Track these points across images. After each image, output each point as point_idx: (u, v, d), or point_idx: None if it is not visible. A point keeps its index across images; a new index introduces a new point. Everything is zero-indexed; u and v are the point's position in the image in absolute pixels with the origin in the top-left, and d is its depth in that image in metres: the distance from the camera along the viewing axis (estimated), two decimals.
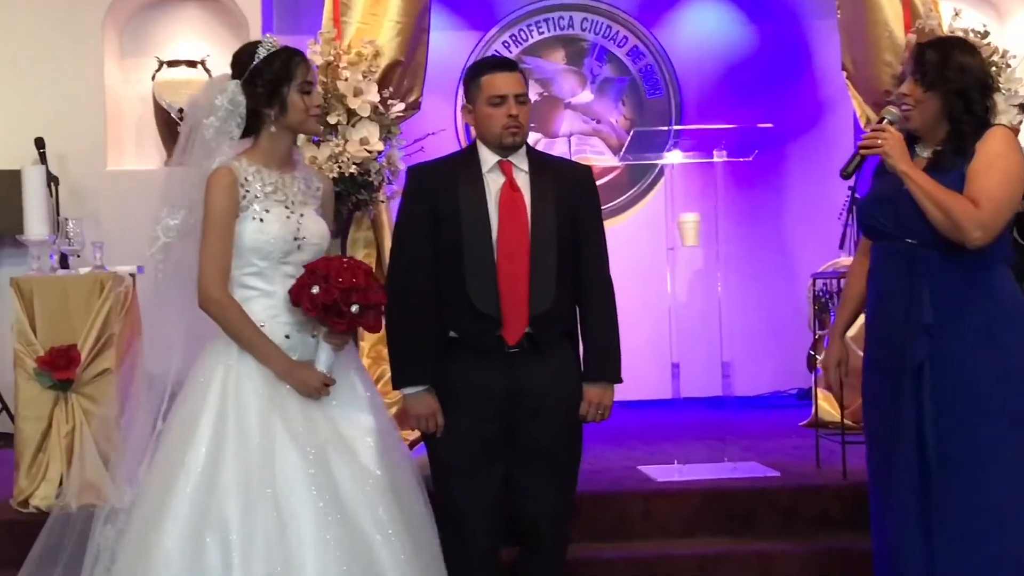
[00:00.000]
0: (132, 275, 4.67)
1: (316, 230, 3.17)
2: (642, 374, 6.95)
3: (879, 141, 3.24)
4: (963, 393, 3.22)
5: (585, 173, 3.57)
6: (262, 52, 3.13)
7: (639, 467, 4.95)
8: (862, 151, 3.29)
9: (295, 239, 3.11)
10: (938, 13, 5.56)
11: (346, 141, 4.97)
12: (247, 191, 3.08)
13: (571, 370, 3.46)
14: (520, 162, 3.45)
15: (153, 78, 6.46)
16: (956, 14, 5.55)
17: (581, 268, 3.44)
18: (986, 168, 3.20)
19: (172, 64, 6.46)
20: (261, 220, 3.08)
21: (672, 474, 4.78)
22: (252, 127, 3.15)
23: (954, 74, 3.26)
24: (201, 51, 6.51)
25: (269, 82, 3.10)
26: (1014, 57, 5.16)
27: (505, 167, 3.42)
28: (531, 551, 3.54)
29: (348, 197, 5.02)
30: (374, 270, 5.58)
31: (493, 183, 3.41)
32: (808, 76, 7.35)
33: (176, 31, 6.66)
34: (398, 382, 3.42)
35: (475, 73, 3.47)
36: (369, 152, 4.99)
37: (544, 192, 3.40)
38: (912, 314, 3.25)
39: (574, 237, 3.42)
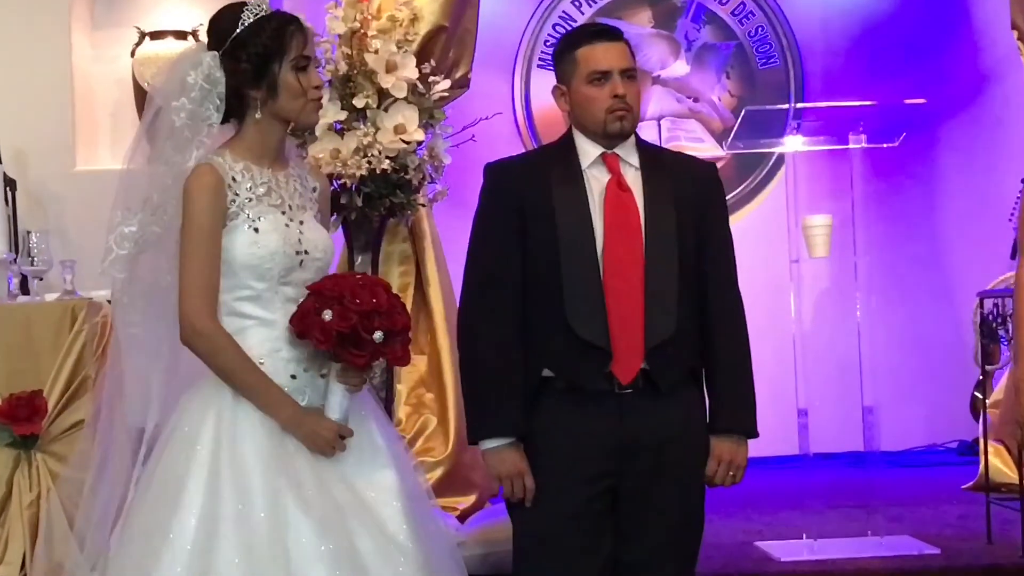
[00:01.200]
0: (111, 302, 4.72)
1: (320, 242, 3.16)
2: (761, 424, 6.90)
3: None
4: None
5: (710, 170, 3.57)
6: (247, 17, 3.09)
7: (757, 543, 4.94)
8: None
9: (297, 253, 3.09)
10: None
11: (377, 130, 5.00)
12: (236, 193, 3.06)
13: (698, 419, 3.45)
14: (629, 155, 3.45)
15: (132, 54, 6.52)
16: None
17: (706, 287, 3.44)
18: None
19: (156, 36, 6.51)
20: (256, 230, 3.06)
21: (800, 552, 4.76)
22: (233, 112, 3.13)
23: None
24: (192, 20, 6.57)
25: (256, 56, 3.06)
26: None
27: (610, 161, 3.42)
28: None
29: (380, 200, 5.06)
30: (413, 293, 5.67)
31: (596, 181, 3.41)
32: (966, 39, 7.34)
33: None
34: (476, 432, 3.40)
35: (569, 45, 3.47)
36: (406, 143, 5.02)
37: (660, 192, 3.39)
38: None
39: (698, 249, 3.42)
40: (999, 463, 5.61)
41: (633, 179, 3.42)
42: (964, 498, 5.69)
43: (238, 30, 3.09)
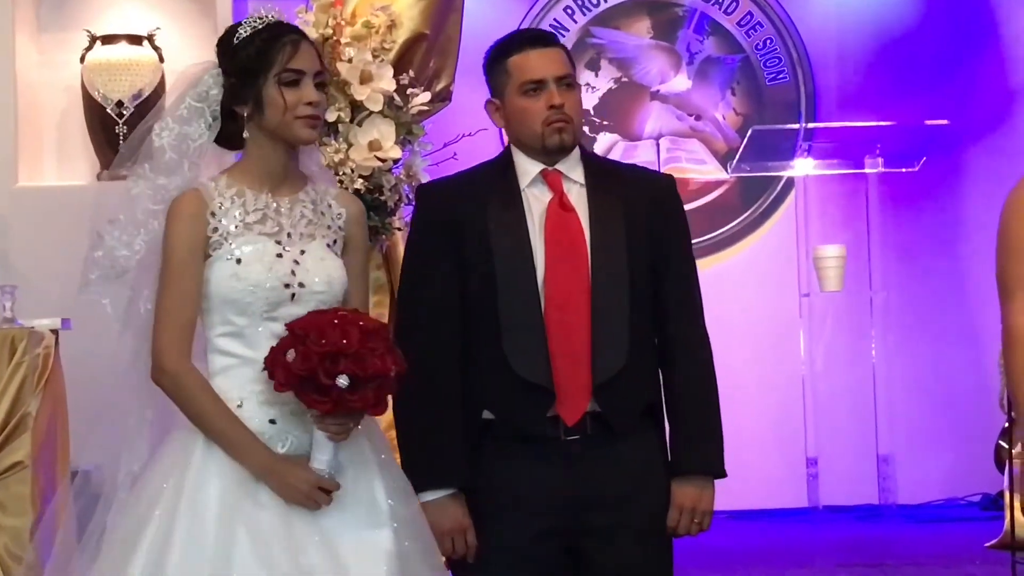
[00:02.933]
0: (55, 331, 4.70)
1: (323, 274, 3.12)
2: (765, 473, 6.94)
3: None
4: None
5: (666, 184, 3.56)
6: (244, 31, 3.13)
7: None
8: None
9: (287, 286, 3.08)
10: None
11: (350, 146, 5.01)
12: (220, 221, 3.07)
13: (658, 464, 3.44)
14: (572, 171, 3.43)
15: (82, 60, 6.52)
16: None
17: (664, 316, 3.43)
18: None
19: (108, 40, 6.49)
20: (237, 261, 3.05)
21: None
22: (233, 133, 3.16)
23: None
24: (148, 23, 6.58)
25: (242, 70, 3.10)
26: None
27: (552, 179, 3.41)
28: None
29: None
30: (396, 324, 5.65)
31: (536, 202, 3.40)
32: (994, 55, 7.38)
33: None
34: (414, 484, 3.41)
35: (500, 54, 3.46)
36: (382, 160, 5.03)
37: (608, 210, 3.38)
38: None
39: (653, 274, 3.42)
40: None
41: (577, 197, 3.40)
42: (988, 557, 5.68)
43: (233, 43, 3.13)
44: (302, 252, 3.12)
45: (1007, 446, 5.80)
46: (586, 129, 7.45)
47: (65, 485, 3.39)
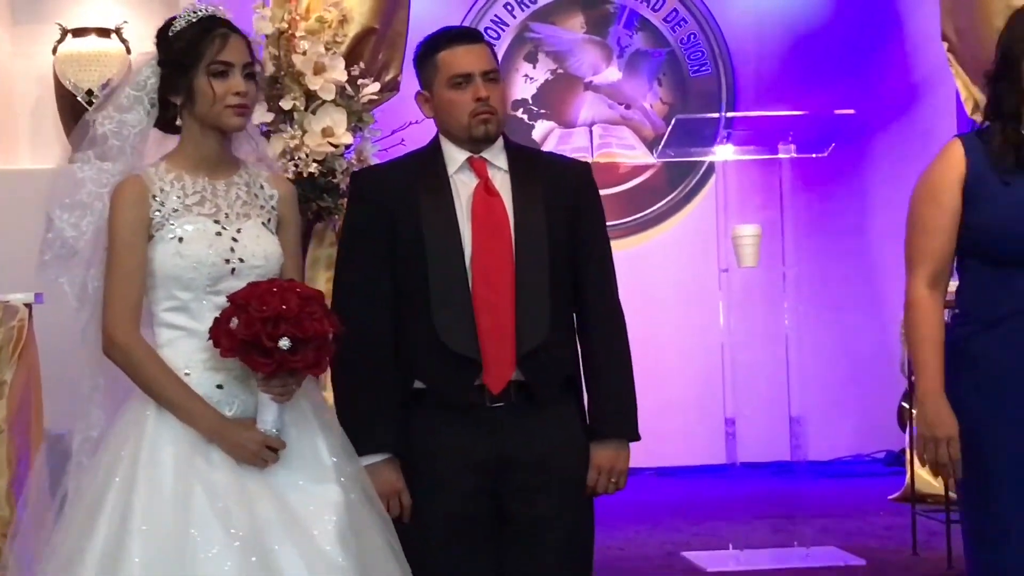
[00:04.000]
0: (28, 305, 4.65)
1: (260, 250, 3.11)
2: (687, 434, 6.97)
3: None
4: None
5: (583, 170, 3.55)
6: (178, 24, 3.11)
7: (684, 553, 4.97)
8: None
9: (227, 262, 3.06)
10: None
11: (304, 132, 4.98)
12: (162, 204, 3.06)
13: (575, 428, 3.43)
14: (496, 158, 3.42)
15: (54, 51, 6.46)
16: None
17: (582, 293, 3.43)
18: None
19: (78, 33, 6.44)
20: (180, 240, 3.04)
21: (726, 562, 4.78)
22: (170, 120, 3.14)
23: None
24: (116, 17, 6.52)
25: (175, 62, 3.08)
26: None
27: (477, 166, 3.39)
28: None
29: (307, 204, 5.03)
30: (332, 300, 5.64)
31: (463, 187, 3.38)
32: (898, 49, 7.40)
33: None
34: None
35: (429, 50, 3.43)
36: (334, 146, 5.00)
37: (530, 194, 3.37)
38: None
39: (571, 252, 3.41)
40: (925, 474, 5.65)
41: (501, 183, 3.38)
42: (891, 509, 5.74)
43: (168, 35, 3.11)
44: (239, 230, 3.10)
45: (908, 407, 5.83)
46: (524, 116, 7.46)
47: (40, 448, 3.35)
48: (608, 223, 3.66)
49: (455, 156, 3.40)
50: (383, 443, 3.33)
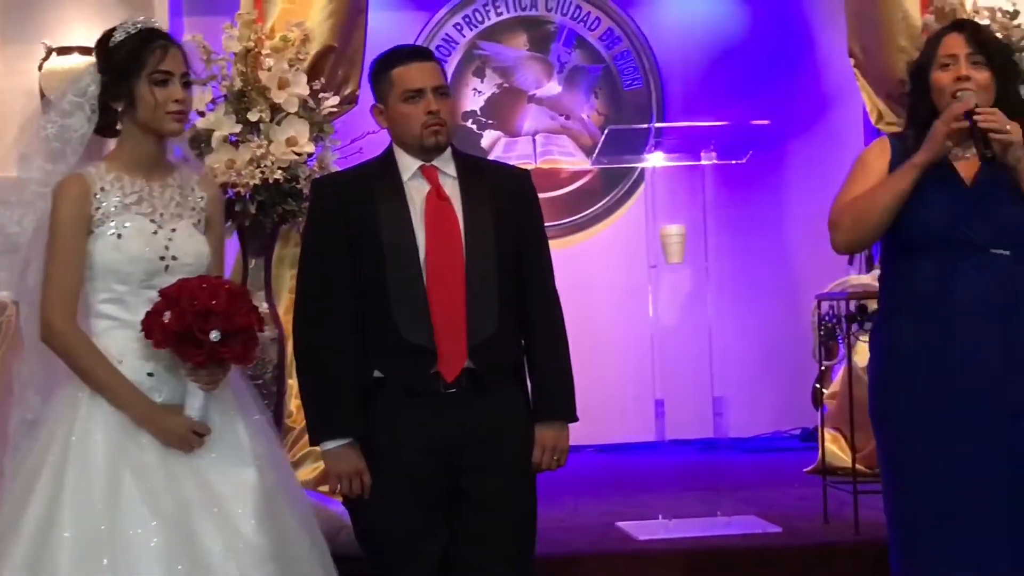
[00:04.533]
0: (15, 303, 4.61)
1: (191, 248, 3.10)
2: (620, 413, 6.98)
3: (1008, 128, 3.25)
4: None
5: (524, 177, 3.56)
6: (118, 35, 3.07)
7: (618, 523, 4.95)
8: (990, 134, 3.26)
9: (161, 258, 3.04)
10: None
11: (270, 142, 4.94)
12: (101, 202, 3.03)
13: (522, 412, 3.44)
14: (446, 166, 3.42)
15: (40, 68, 6.41)
16: None
17: (525, 289, 3.44)
18: None
19: (63, 51, 6.39)
20: (118, 236, 3.01)
21: (656, 531, 4.78)
22: (110, 124, 3.10)
23: (1009, 53, 3.38)
24: (97, 36, 6.48)
25: (116, 70, 3.04)
26: None
27: (429, 173, 3.39)
28: None
29: (273, 208, 4.99)
30: (296, 298, 5.60)
31: (417, 193, 3.38)
32: (810, 65, 7.44)
33: (69, 13, 6.59)
34: (314, 435, 3.36)
35: (384, 66, 3.44)
36: (298, 154, 4.97)
37: (477, 200, 3.38)
38: (1014, 344, 3.27)
39: (516, 252, 3.42)
40: (836, 449, 5.70)
41: (451, 189, 3.39)
42: (804, 481, 5.75)
43: (109, 46, 3.08)
44: (173, 230, 3.09)
45: (820, 388, 5.87)
46: (474, 127, 7.45)
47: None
48: (549, 223, 3.68)
49: (408, 164, 3.40)
50: (345, 428, 3.33)
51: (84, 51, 6.36)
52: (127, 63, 3.03)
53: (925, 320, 3.37)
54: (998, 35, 3.49)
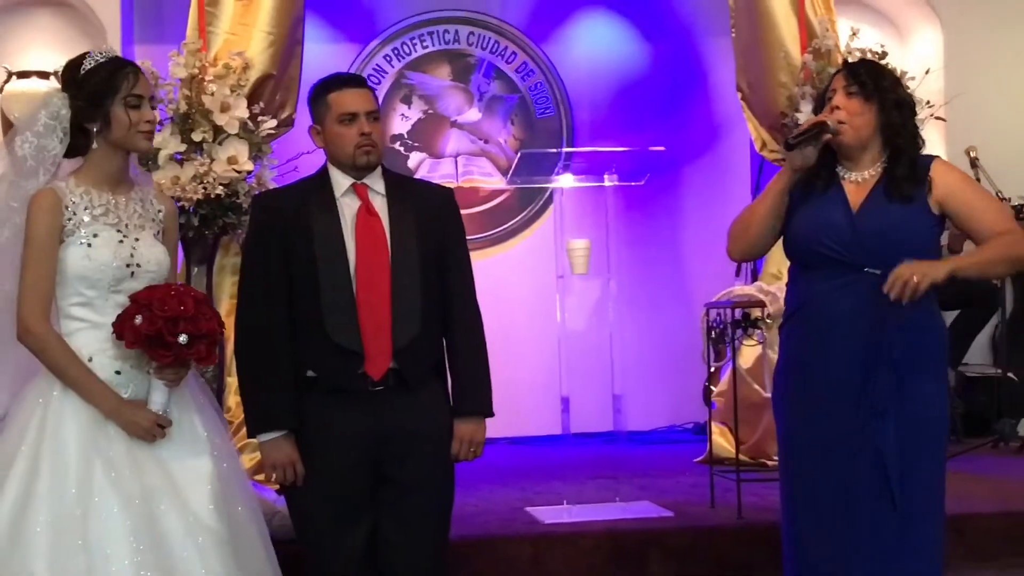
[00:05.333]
0: None
1: (153, 257, 3.09)
2: (530, 409, 6.95)
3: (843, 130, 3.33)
4: (924, 428, 3.32)
5: (447, 195, 3.54)
6: (89, 63, 3.08)
7: (527, 508, 4.93)
8: (825, 134, 3.32)
9: (127, 266, 3.04)
10: (835, 33, 5.67)
11: (212, 160, 4.89)
12: (73, 214, 3.01)
13: (441, 407, 3.42)
14: (376, 184, 3.40)
15: (1, 90, 6.28)
16: (854, 34, 5.65)
17: (447, 296, 3.41)
18: (976, 195, 3.40)
19: (22, 75, 6.30)
20: (88, 245, 3.01)
21: (561, 515, 4.77)
22: (80, 144, 3.08)
23: (890, 84, 3.40)
24: (55, 62, 6.33)
25: (91, 94, 3.04)
26: (912, 78, 5.27)
27: (360, 190, 3.37)
28: None
29: (215, 221, 4.94)
30: (237, 303, 5.54)
31: (348, 208, 3.35)
32: (703, 97, 7.45)
33: (28, 40, 6.49)
34: (252, 428, 3.34)
35: (322, 91, 3.42)
36: (238, 172, 4.92)
37: (403, 215, 3.36)
38: (879, 352, 3.28)
39: (438, 263, 3.39)
40: (722, 441, 5.71)
41: (380, 205, 3.37)
42: (695, 470, 5.78)
43: (80, 73, 3.06)
44: (137, 239, 3.08)
45: (710, 386, 5.89)
46: (401, 148, 7.39)
47: None
48: (470, 237, 3.65)
49: (341, 182, 3.37)
50: (280, 421, 3.30)
51: (42, 75, 6.27)
52: (103, 87, 3.04)
53: (808, 328, 3.40)
54: (891, 69, 3.52)
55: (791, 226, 3.42)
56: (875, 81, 3.38)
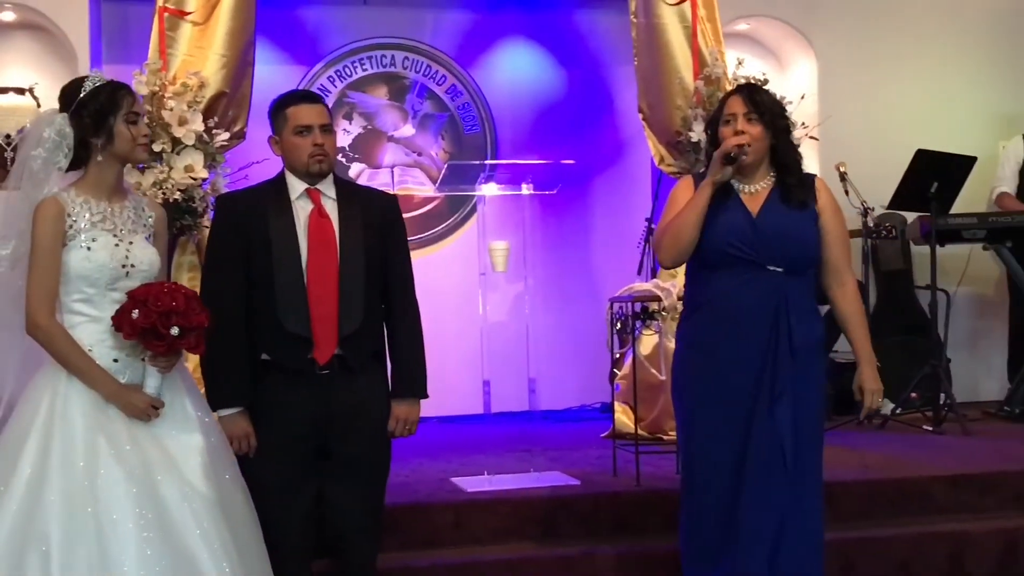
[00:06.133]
0: None
1: (145, 258, 3.12)
2: (455, 391, 6.97)
3: (727, 149, 3.42)
4: (812, 406, 3.43)
5: (391, 201, 3.57)
6: (89, 85, 3.12)
7: (451, 479, 4.95)
8: (742, 155, 3.43)
9: (123, 266, 3.07)
10: (723, 62, 5.76)
11: (171, 168, 4.88)
12: (74, 221, 3.05)
13: (380, 389, 3.44)
14: (328, 190, 3.42)
15: None
16: (740, 63, 5.75)
17: (388, 291, 3.43)
18: (840, 226, 3.53)
19: (0, 91, 6.20)
20: (88, 248, 3.04)
21: (482, 485, 4.80)
22: (81, 158, 3.12)
23: (780, 111, 3.52)
24: (29, 79, 6.27)
25: (95, 112, 3.08)
26: (790, 103, 5.36)
27: (313, 195, 3.38)
28: (341, 564, 3.49)
29: (173, 223, 4.90)
30: (199, 293, 5.51)
31: (302, 210, 3.37)
32: (609, 117, 7.50)
33: (3, 59, 6.38)
34: (213, 404, 3.34)
35: (281, 105, 3.44)
36: (194, 179, 4.90)
37: (351, 218, 3.38)
38: (779, 341, 3.38)
39: (381, 261, 3.41)
40: (624, 419, 5.77)
41: (331, 208, 3.39)
42: (601, 444, 5.82)
43: (81, 95, 3.09)
44: (131, 243, 3.10)
45: (614, 370, 5.94)
46: (343, 160, 7.37)
47: None
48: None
49: (296, 187, 3.39)
50: (237, 398, 3.33)
51: (18, 91, 6.19)
52: (107, 106, 3.08)
53: (715, 320, 3.46)
54: (774, 94, 3.60)
55: (703, 233, 3.48)
56: (771, 109, 3.48)
